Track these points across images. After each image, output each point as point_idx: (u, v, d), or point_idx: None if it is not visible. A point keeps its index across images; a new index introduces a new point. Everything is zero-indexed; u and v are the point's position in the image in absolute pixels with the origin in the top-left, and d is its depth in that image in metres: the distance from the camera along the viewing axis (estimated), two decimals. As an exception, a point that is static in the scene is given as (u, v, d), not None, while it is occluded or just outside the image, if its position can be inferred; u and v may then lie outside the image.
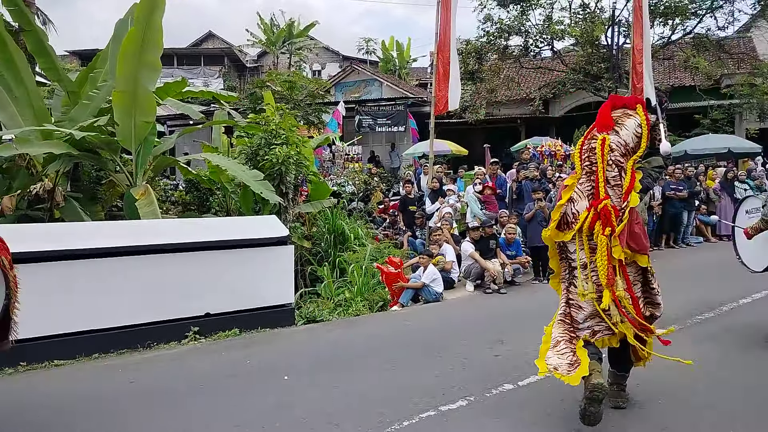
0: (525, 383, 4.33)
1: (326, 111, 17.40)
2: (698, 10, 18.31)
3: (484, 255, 8.21)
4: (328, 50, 34.28)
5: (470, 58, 19.18)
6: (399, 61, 30.24)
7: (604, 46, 18.60)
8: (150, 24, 7.11)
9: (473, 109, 19.58)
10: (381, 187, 14.36)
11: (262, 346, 5.60)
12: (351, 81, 23.45)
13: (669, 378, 4.39)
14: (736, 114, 18.40)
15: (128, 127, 7.40)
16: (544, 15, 19.32)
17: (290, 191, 8.65)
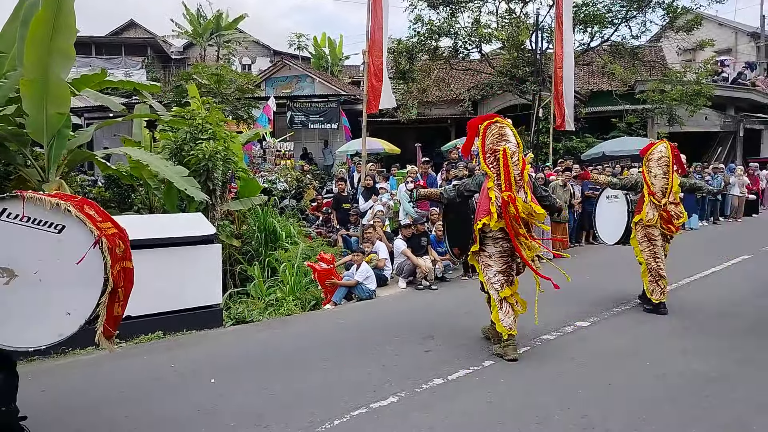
0: (454, 377, 4.42)
1: (256, 106, 17.00)
2: (614, 20, 19.46)
3: (416, 252, 8.32)
4: (258, 44, 33.54)
5: (402, 57, 19.39)
6: (331, 58, 30.04)
7: (528, 51, 19.35)
8: (62, 7, 6.63)
9: (405, 109, 19.81)
10: (314, 184, 14.21)
11: (188, 349, 5.39)
12: (282, 76, 23.05)
13: (590, 368, 4.63)
14: (649, 118, 19.69)
15: (39, 119, 6.87)
16: (473, 18, 19.86)
17: (218, 188, 8.36)
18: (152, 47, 30.46)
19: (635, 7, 18.95)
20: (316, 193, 13.54)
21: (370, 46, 10.06)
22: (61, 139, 7.37)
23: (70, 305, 3.06)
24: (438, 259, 8.46)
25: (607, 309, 6.50)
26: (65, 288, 3.04)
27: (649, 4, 18.99)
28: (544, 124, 16.79)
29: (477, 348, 5.14)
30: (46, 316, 3.02)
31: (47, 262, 3.02)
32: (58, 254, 3.04)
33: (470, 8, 19.73)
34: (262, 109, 16.28)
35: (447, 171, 10.50)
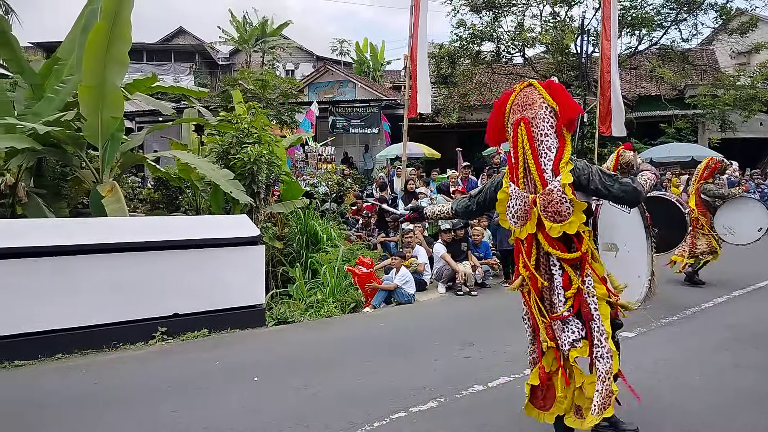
0: (494, 384, 4.38)
1: (299, 111, 17.30)
2: (663, 22, 18.90)
3: (456, 257, 8.28)
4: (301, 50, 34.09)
5: (443, 62, 19.37)
6: (373, 63, 30.30)
7: (573, 55, 19.00)
8: (119, 17, 6.94)
9: (446, 113, 19.76)
10: (354, 188, 14.34)
11: (232, 347, 5.53)
12: (325, 81, 23.37)
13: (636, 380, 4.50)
14: (699, 124, 19.02)
15: (95, 123, 7.21)
16: (516, 22, 19.66)
17: (262, 191, 8.55)
18: (200, 54, 31.38)
19: (686, 9, 18.37)
20: (356, 197, 13.66)
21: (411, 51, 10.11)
22: (114, 143, 7.70)
23: (638, 270, 3.85)
24: (478, 265, 8.40)
25: (655, 319, 6.30)
26: (637, 255, 3.84)
27: (701, 6, 18.37)
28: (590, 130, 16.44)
29: (518, 356, 5.06)
30: (630, 280, 3.61)
31: (629, 236, 3.77)
32: (632, 229, 3.81)
33: (514, 12, 19.54)
34: (305, 114, 16.55)
35: (488, 176, 10.41)
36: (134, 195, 10.47)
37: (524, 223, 2.97)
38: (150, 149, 16.26)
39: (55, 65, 8.56)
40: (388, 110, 19.94)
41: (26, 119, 7.43)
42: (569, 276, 2.93)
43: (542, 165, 2.91)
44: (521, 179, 2.98)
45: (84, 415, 3.85)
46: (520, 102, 3.01)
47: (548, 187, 2.87)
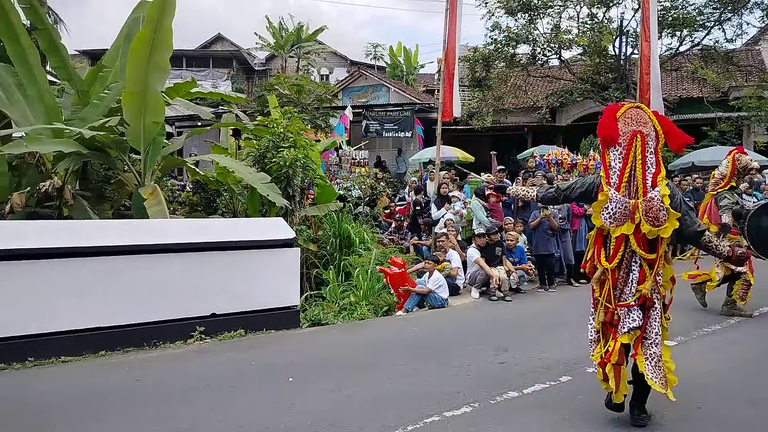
0: (529, 391, 4.32)
1: (333, 115, 17.46)
2: (706, 22, 18.35)
3: (490, 262, 8.21)
4: (336, 55, 34.40)
5: (478, 65, 19.26)
6: (406, 67, 30.35)
7: (611, 56, 18.63)
8: (161, 25, 7.15)
9: (480, 116, 19.63)
10: (387, 191, 14.38)
11: (267, 348, 5.61)
12: (358, 86, 23.53)
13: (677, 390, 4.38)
14: (744, 126, 18.35)
15: (137, 128, 7.44)
16: (552, 24, 19.41)
17: (297, 194, 8.68)
18: (237, 59, 32.00)
19: (730, 8, 17.78)
20: (389, 200, 13.69)
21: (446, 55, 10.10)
22: (156, 147, 7.93)
23: None
24: (512, 270, 8.30)
25: (697, 328, 6.12)
26: None
27: (746, 6, 17.76)
28: (628, 133, 16.06)
29: (554, 362, 5.00)
30: None
31: None
32: None
33: (550, 14, 19.29)
34: (339, 119, 16.69)
35: (523, 180, 10.29)
36: (174, 198, 10.75)
37: (621, 224, 3.43)
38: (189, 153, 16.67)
39: (100, 72, 8.88)
40: (421, 114, 19.93)
41: (73, 124, 7.71)
42: (645, 273, 3.47)
43: (646, 177, 3.42)
44: (624, 184, 3.45)
45: (126, 410, 3.97)
46: (634, 117, 3.51)
47: (649, 195, 3.38)
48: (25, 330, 4.99)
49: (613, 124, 3.51)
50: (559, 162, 13.01)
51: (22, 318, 4.97)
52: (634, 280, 3.49)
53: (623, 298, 3.52)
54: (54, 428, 3.69)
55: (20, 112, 7.92)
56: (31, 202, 7.77)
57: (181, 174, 16.84)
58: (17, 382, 4.56)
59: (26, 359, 4.93)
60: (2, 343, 4.89)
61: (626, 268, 3.51)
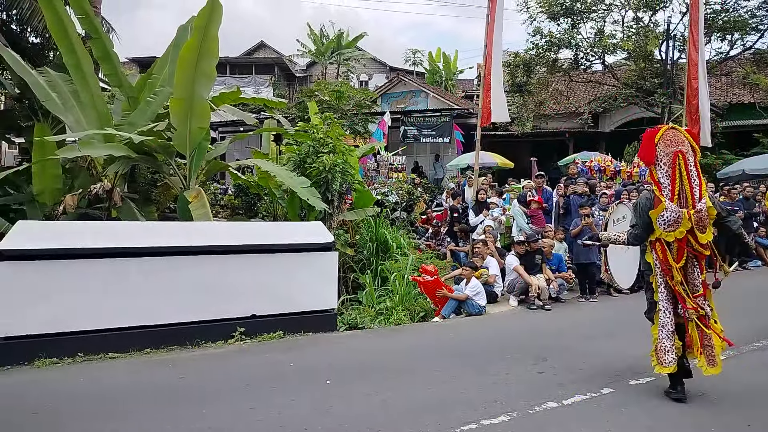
0: (569, 402, 4.24)
1: (372, 121, 17.56)
2: (759, 26, 17.66)
3: (529, 270, 8.09)
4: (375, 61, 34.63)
5: (518, 70, 19.07)
6: (445, 73, 30.26)
7: (657, 61, 18.15)
8: (207, 34, 7.36)
9: (520, 122, 19.41)
10: (424, 197, 14.36)
11: (306, 350, 5.68)
12: (397, 92, 23.60)
13: (725, 406, 4.22)
14: (799, 133, 17.56)
15: (184, 133, 7.67)
16: (596, 28, 19.05)
17: (335, 199, 8.76)
18: (279, 66, 32.59)
19: (785, 10, 17.08)
20: (426, 206, 13.66)
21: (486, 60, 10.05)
22: (201, 151, 8.16)
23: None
24: (552, 278, 8.16)
25: (747, 343, 5.88)
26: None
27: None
28: (674, 139, 15.58)
29: (595, 373, 4.89)
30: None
31: None
32: None
33: (593, 18, 18.94)
34: (378, 124, 16.78)
35: (565, 187, 10.11)
36: (216, 201, 11.01)
37: (674, 229, 4.12)
38: (231, 158, 17.06)
39: (149, 79, 9.20)
40: (460, 119, 19.84)
41: (123, 129, 8.01)
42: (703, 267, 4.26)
43: (693, 189, 4.12)
44: (676, 196, 4.12)
45: (170, 407, 4.08)
46: (672, 138, 4.16)
47: (698, 207, 4.10)
48: (76, 326, 5.20)
49: (651, 147, 4.19)
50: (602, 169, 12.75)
51: (74, 314, 5.19)
52: (698, 274, 4.24)
53: (695, 290, 4.24)
54: (101, 421, 3.83)
55: (74, 118, 8.28)
56: (83, 204, 8.10)
57: (223, 178, 17.24)
58: (66, 376, 4.75)
59: (76, 354, 5.14)
60: (54, 338, 5.11)
61: (691, 266, 4.24)
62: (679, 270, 4.18)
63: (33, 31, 12.35)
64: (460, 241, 10.32)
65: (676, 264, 4.17)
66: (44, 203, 7.90)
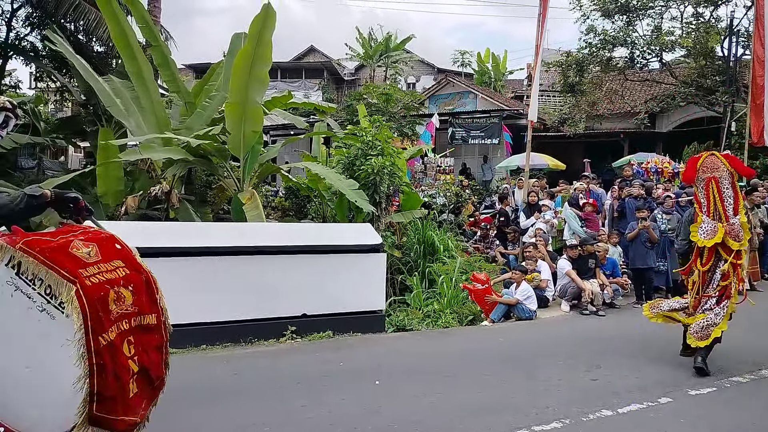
0: (624, 411, 4.11)
1: (420, 123, 17.55)
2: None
3: (582, 274, 7.88)
4: (423, 63, 34.58)
5: (570, 70, 18.60)
6: (494, 74, 29.88)
7: (719, 58, 17.33)
8: (261, 40, 7.57)
9: (572, 122, 18.92)
10: (473, 199, 14.22)
11: (355, 350, 5.74)
12: (445, 93, 23.48)
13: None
14: None
15: (238, 136, 7.92)
16: (653, 25, 18.36)
17: (383, 201, 8.80)
18: (328, 70, 33.04)
19: None
20: (474, 208, 13.54)
21: (536, 60, 9.90)
22: (254, 155, 8.38)
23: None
24: (606, 283, 7.92)
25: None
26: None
27: None
28: (738, 140, 14.87)
29: (652, 382, 4.72)
30: None
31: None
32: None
33: (650, 15, 18.26)
34: (426, 126, 16.75)
35: (620, 189, 9.80)
36: (268, 203, 11.28)
37: (711, 237, 4.95)
38: (282, 161, 17.43)
39: (205, 85, 9.53)
40: (509, 120, 19.54)
41: (180, 133, 8.34)
42: (729, 273, 4.98)
43: (726, 208, 5.00)
44: (712, 213, 5.04)
45: (225, 402, 4.21)
46: (709, 165, 5.09)
47: (731, 221, 4.96)
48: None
49: (693, 171, 5.18)
50: (660, 171, 12.28)
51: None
52: (717, 278, 5.02)
53: (706, 291, 5.08)
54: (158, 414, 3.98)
55: (135, 123, 8.68)
56: (143, 205, 8.48)
57: (274, 180, 17.62)
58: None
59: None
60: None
61: (712, 271, 5.07)
62: (702, 273, 5.09)
63: (98, 40, 13.03)
64: (510, 244, 10.17)
65: (702, 267, 5.09)
66: (107, 204, 8.31)
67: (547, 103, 22.17)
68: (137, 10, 8.77)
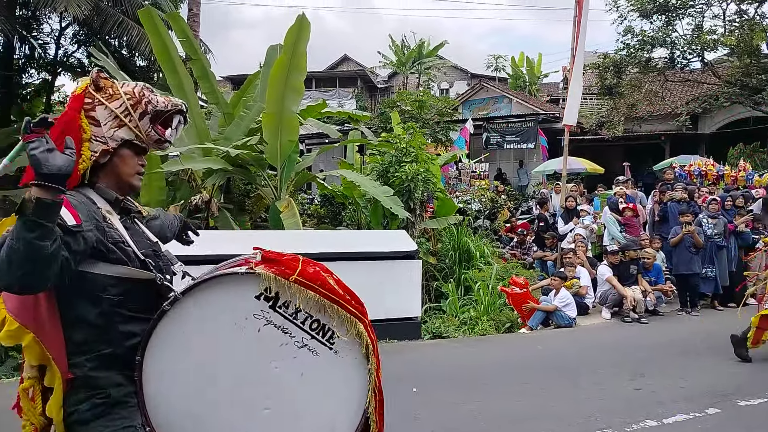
0: (670, 421, 3.99)
1: (454, 129, 17.49)
2: None
3: (624, 281, 7.69)
4: (456, 68, 34.49)
5: (608, 72, 18.25)
6: (529, 77, 29.55)
7: (765, 56, 16.71)
8: (296, 51, 7.70)
9: (610, 125, 18.53)
10: (508, 205, 14.06)
11: (391, 357, 5.73)
12: (479, 98, 23.35)
13: None
14: None
15: (275, 146, 8.06)
16: (693, 24, 17.86)
17: (417, 207, 8.81)
18: (361, 78, 33.31)
19: None
20: (510, 214, 13.38)
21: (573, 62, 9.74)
22: (291, 163, 8.51)
23: None
24: (649, 290, 7.71)
25: None
26: None
27: None
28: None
29: (698, 392, 4.57)
30: None
31: None
32: None
33: (690, 14, 17.77)
34: (460, 132, 16.68)
35: (661, 193, 9.54)
36: (303, 210, 11.42)
37: None
38: (317, 168, 17.63)
39: (242, 96, 9.74)
40: (545, 124, 19.28)
41: (219, 143, 8.53)
42: None
43: None
44: None
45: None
46: None
47: None
48: None
49: None
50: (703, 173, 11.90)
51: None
52: None
53: None
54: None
55: (177, 134, 8.92)
56: (184, 214, 8.69)
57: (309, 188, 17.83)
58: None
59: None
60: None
61: None
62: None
63: (140, 55, 13.48)
64: (548, 249, 10.01)
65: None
66: (150, 213, 8.55)
67: (583, 106, 21.77)
68: (178, 25, 9.04)
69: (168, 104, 1.81)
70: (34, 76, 15.79)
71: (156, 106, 1.77)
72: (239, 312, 1.69)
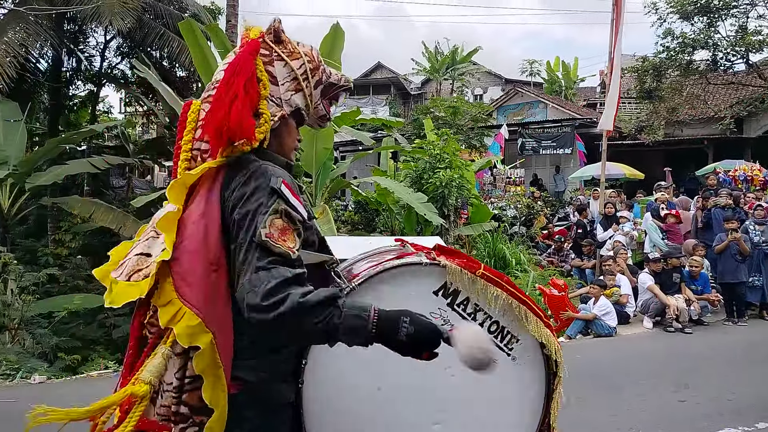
0: (718, 436, 3.85)
1: (488, 134, 17.38)
2: None
3: (666, 289, 7.46)
4: (490, 74, 34.24)
5: (647, 75, 17.84)
6: (565, 82, 29.10)
7: (815, 56, 16.06)
8: (330, 59, 7.80)
9: (650, 130, 18.08)
10: (545, 211, 13.85)
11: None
12: (514, 104, 23.12)
13: None
14: None
15: (310, 154, 8.17)
16: (737, 25, 17.31)
17: (451, 213, 8.78)
18: (395, 85, 33.44)
19: None
20: (546, 220, 13.18)
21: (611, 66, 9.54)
22: (325, 170, 8.61)
23: None
24: (693, 299, 7.46)
25: None
26: None
27: None
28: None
29: (747, 405, 4.39)
30: None
31: None
32: None
33: (734, 15, 17.24)
34: (494, 137, 16.56)
35: (704, 199, 9.24)
36: (338, 217, 11.51)
37: None
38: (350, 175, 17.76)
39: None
40: (582, 129, 18.94)
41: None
42: None
43: None
44: None
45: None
46: None
47: None
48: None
49: None
50: (749, 179, 11.50)
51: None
52: None
53: None
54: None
55: (215, 143, 9.14)
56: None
57: (344, 195, 17.97)
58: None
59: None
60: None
61: None
62: None
63: (181, 66, 13.87)
64: (586, 257, 9.81)
65: None
66: (190, 221, 8.77)
67: (622, 111, 21.33)
68: (218, 37, 9.27)
69: (341, 79, 1.56)
70: (81, 87, 16.42)
71: (329, 77, 1.52)
72: (416, 309, 1.35)
